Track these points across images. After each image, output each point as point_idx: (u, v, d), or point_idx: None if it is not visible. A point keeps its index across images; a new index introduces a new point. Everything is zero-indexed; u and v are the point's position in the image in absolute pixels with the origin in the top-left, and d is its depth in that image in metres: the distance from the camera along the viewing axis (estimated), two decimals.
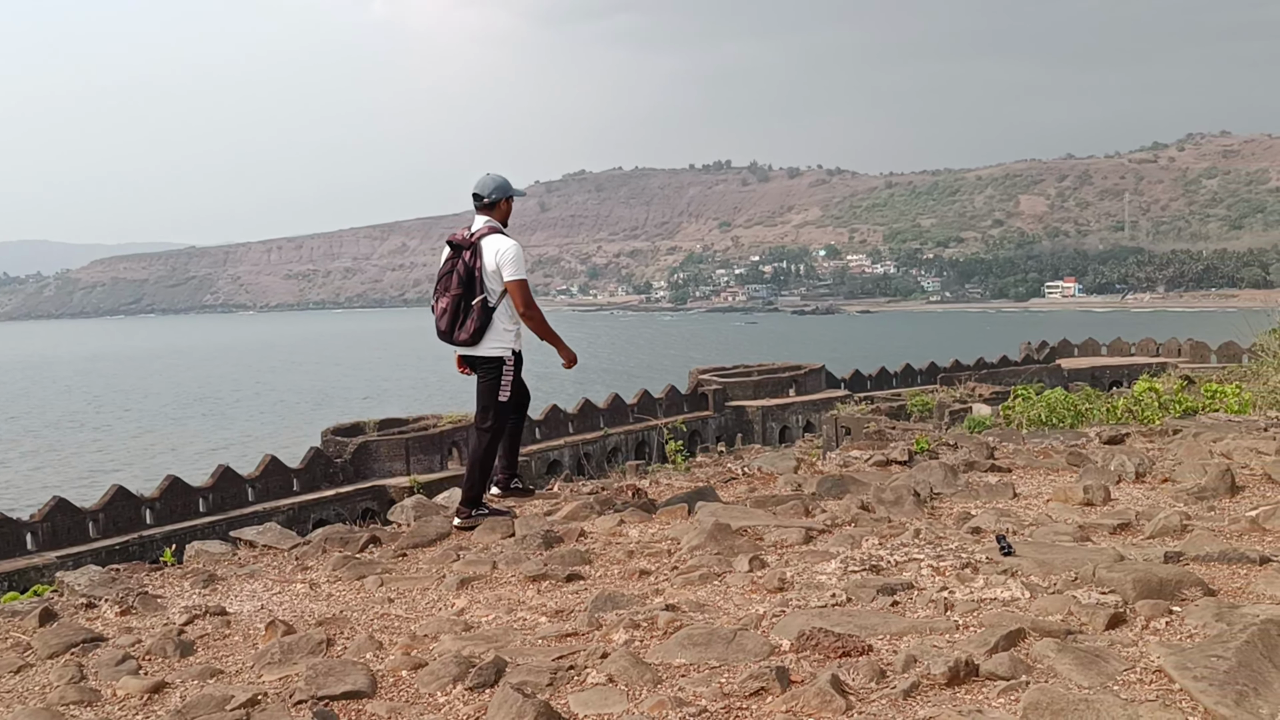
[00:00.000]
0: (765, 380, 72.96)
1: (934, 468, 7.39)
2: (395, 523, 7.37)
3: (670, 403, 68.48)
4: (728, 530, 5.86)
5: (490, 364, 6.90)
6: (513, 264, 6.72)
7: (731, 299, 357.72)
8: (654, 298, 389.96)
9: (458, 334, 6.74)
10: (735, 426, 68.91)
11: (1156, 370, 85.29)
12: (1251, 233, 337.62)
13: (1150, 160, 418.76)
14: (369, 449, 50.31)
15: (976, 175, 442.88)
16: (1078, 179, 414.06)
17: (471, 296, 6.70)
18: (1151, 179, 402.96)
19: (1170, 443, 8.23)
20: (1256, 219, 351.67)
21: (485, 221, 6.92)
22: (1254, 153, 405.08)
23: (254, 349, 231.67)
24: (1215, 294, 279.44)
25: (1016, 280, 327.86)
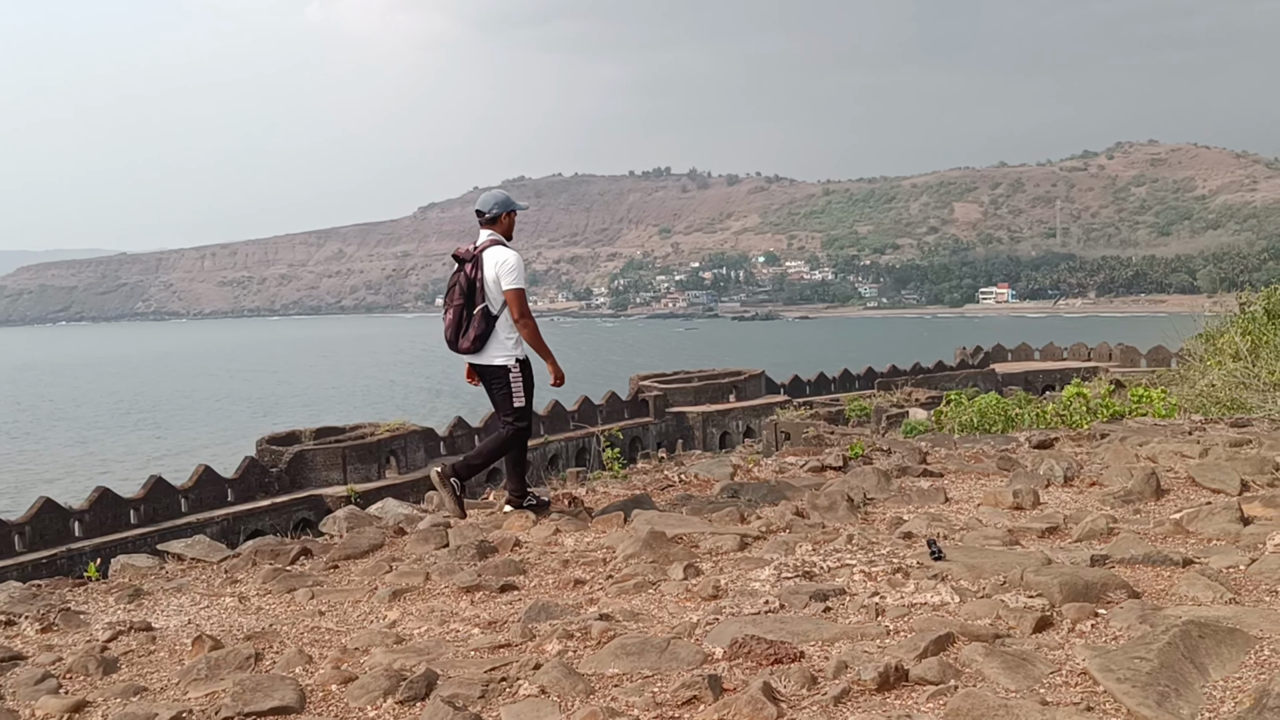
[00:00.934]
0: (706, 386, 73.22)
1: (868, 473, 7.45)
2: (328, 534, 7.28)
3: (611, 409, 68.44)
4: (663, 538, 5.86)
5: (497, 373, 7.12)
6: (511, 273, 6.98)
7: (672, 305, 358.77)
8: (595, 304, 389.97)
9: (461, 342, 7.03)
10: (676, 432, 69.06)
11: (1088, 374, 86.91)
12: (1179, 239, 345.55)
13: (1081, 168, 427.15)
14: (305, 458, 49.69)
15: (912, 183, 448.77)
16: (1010, 186, 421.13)
17: (473, 306, 6.98)
18: (1082, 186, 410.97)
19: (1098, 447, 8.38)
20: (1184, 226, 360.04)
21: (488, 235, 7.23)
22: (1181, 161, 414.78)
23: (188, 357, 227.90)
24: (1145, 299, 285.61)
25: (952, 286, 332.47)
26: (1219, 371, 23.75)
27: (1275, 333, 24.20)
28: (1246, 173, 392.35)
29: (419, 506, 8.00)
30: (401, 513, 7.51)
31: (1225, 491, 6.45)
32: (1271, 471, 6.92)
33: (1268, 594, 4.47)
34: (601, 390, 73.40)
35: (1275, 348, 21.63)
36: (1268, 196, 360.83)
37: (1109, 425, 9.48)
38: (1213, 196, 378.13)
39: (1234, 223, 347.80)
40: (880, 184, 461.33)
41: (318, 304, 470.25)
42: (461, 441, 57.82)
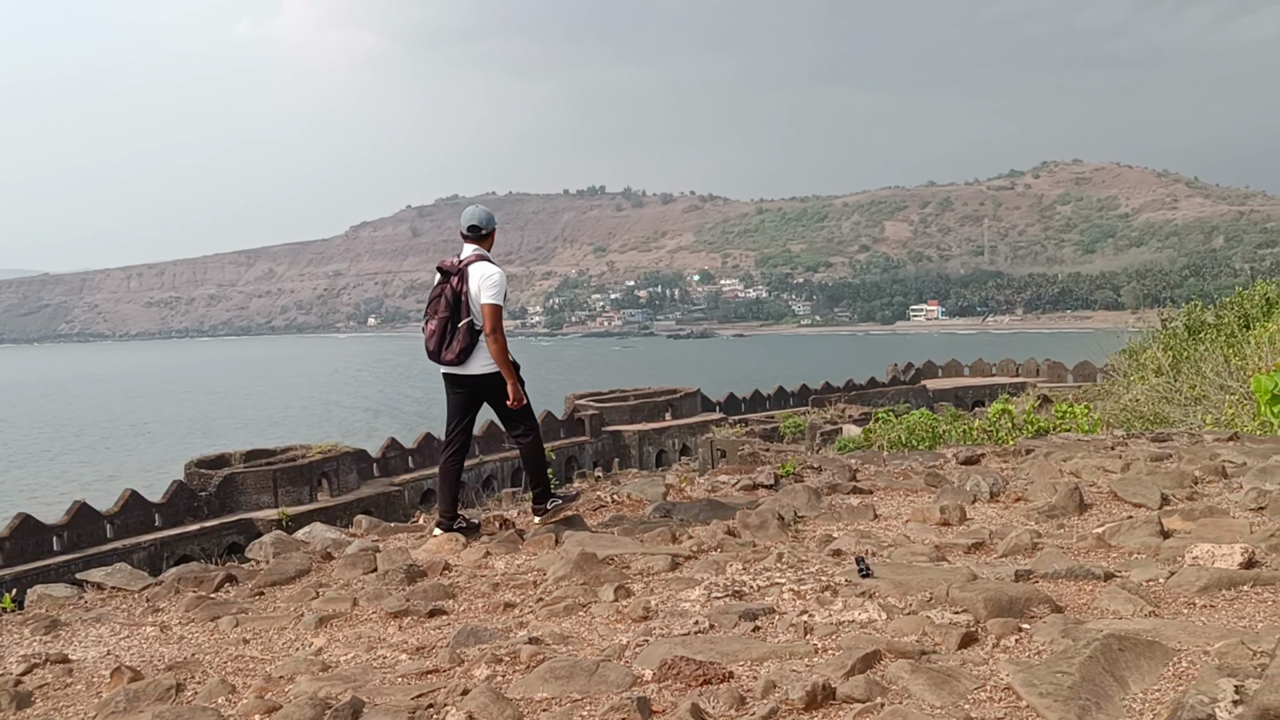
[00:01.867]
0: (641, 405, 73.27)
1: (798, 491, 7.49)
2: (253, 560, 7.15)
3: (546, 429, 68.13)
4: (594, 559, 5.84)
5: (489, 382, 7.25)
6: (491, 289, 7.10)
7: (607, 324, 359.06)
8: (529, 323, 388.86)
9: (445, 354, 7.13)
10: (612, 451, 68.99)
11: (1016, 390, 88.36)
12: (1104, 256, 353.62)
13: (1008, 187, 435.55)
14: (235, 481, 48.84)
15: (843, 202, 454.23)
16: (939, 205, 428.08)
17: (458, 319, 7.09)
18: (1009, 205, 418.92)
19: (1023, 462, 8.51)
20: (1108, 243, 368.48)
21: (473, 250, 7.29)
22: (1105, 180, 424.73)
23: (115, 379, 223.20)
24: (1071, 316, 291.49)
25: (883, 303, 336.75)
26: (1142, 386, 24.29)
27: (1195, 348, 24.80)
28: (1168, 191, 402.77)
29: (347, 531, 7.89)
30: (329, 537, 7.41)
31: (1146, 505, 6.58)
32: (1190, 485, 7.08)
33: (1186, 606, 4.56)
34: (537, 410, 72.99)
35: (1195, 363, 22.17)
36: (1188, 215, 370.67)
37: (1034, 441, 9.64)
38: (1136, 215, 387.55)
39: (1156, 240, 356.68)
40: (812, 203, 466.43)
41: (247, 324, 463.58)
42: (394, 463, 57.26)
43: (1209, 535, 5.59)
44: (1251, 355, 18.10)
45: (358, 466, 53.63)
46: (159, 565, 40.78)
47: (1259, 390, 9.59)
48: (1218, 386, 18.47)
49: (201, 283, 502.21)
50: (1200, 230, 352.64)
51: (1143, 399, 23.04)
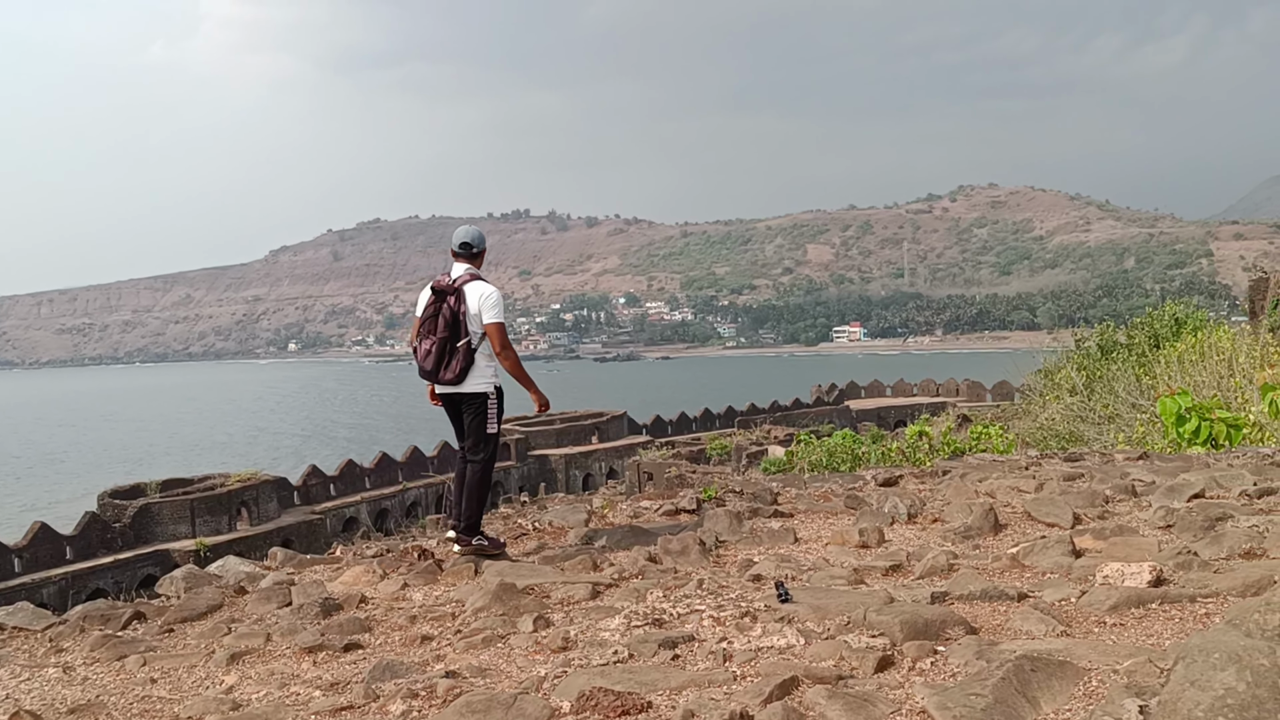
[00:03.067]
0: (568, 428, 73.08)
1: (720, 515, 7.50)
2: (164, 595, 6.96)
3: None
4: (513, 590, 5.78)
5: (475, 400, 7.29)
6: (493, 308, 7.21)
7: (533, 347, 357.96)
8: None
9: (443, 374, 7.16)
10: (538, 476, 68.67)
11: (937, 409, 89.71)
12: (1019, 278, 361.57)
13: (926, 210, 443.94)
14: (151, 511, 47.72)
15: (767, 225, 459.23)
16: (860, 228, 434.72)
17: (456, 339, 7.12)
18: (927, 228, 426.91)
19: (940, 483, 8.62)
20: (1023, 265, 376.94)
21: (466, 268, 7.38)
22: (1019, 203, 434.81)
23: (25, 408, 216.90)
24: (989, 336, 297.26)
25: (807, 325, 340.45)
26: (1058, 406, 24.81)
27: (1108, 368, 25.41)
28: (1080, 214, 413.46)
29: (262, 564, 7.73)
30: (243, 570, 7.24)
31: (1059, 525, 6.69)
32: (1102, 504, 7.22)
33: (1096, 625, 4.64)
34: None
35: (1108, 382, 22.71)
36: (1100, 237, 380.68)
37: (951, 462, 9.78)
38: (1050, 237, 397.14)
39: (1070, 262, 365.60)
40: (736, 226, 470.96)
41: (164, 351, 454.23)
42: (316, 490, 56.37)
43: (1119, 554, 5.70)
44: (1161, 374, 18.58)
45: (278, 495, 52.73)
46: (69, 600, 39.62)
47: (1165, 412, 9.84)
48: (1130, 405, 18.92)
49: (116, 309, 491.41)
50: (1112, 252, 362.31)
51: (1058, 418, 23.52)
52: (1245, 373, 15.29)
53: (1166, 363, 18.98)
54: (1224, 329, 25.14)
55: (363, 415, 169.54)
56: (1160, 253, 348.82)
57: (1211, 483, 7.40)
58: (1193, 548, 5.66)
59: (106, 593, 37.68)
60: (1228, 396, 14.48)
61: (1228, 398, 14.39)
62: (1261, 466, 8.09)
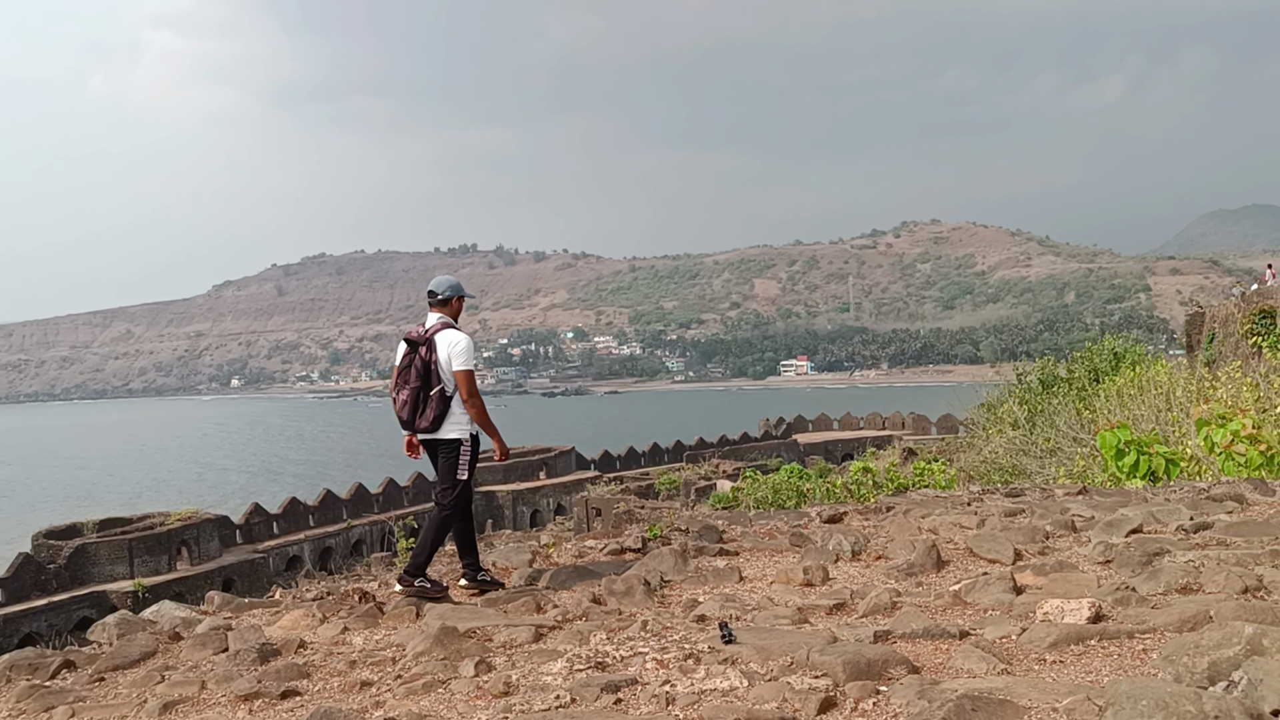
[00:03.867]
0: (515, 464, 72.66)
1: (665, 554, 7.47)
2: (96, 642, 6.78)
3: (417, 491, 67.07)
4: (455, 633, 5.70)
5: (449, 445, 7.35)
6: (461, 356, 7.31)
7: (480, 382, 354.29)
8: None
9: (419, 422, 7.30)
10: (485, 512, 68.12)
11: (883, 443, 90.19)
12: (962, 312, 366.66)
13: (870, 246, 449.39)
14: (87, 552, 46.67)
15: (714, 260, 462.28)
16: (806, 264, 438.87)
17: (429, 388, 7.27)
18: (872, 263, 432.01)
19: (884, 520, 8.66)
20: (966, 300, 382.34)
21: (439, 318, 7.51)
22: (961, 239, 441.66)
23: None
24: (933, 370, 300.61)
25: (754, 359, 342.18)
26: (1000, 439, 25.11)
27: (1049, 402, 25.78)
28: (1021, 250, 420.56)
29: (198, 608, 7.56)
30: (178, 616, 7.09)
31: (1000, 561, 6.74)
32: (1042, 540, 7.29)
33: (1036, 663, 4.66)
34: (407, 472, 71.95)
35: (1049, 416, 23.03)
36: (1040, 272, 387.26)
37: (894, 498, 9.83)
38: (991, 272, 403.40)
39: (1011, 296, 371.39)
40: (684, 261, 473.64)
41: (103, 387, 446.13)
42: (258, 529, 55.51)
43: (1059, 590, 5.74)
44: (1101, 408, 18.87)
45: (220, 534, 51.84)
46: (4, 644, 38.57)
47: (1104, 446, 9.97)
48: (1070, 439, 19.19)
49: (53, 344, 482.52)
50: (1052, 286, 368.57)
51: (1001, 451, 23.81)
52: (1182, 407, 15.57)
53: (1106, 397, 19.29)
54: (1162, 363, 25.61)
55: (310, 451, 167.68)
56: (1099, 287, 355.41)
57: (1149, 518, 7.50)
58: (1131, 583, 5.72)
59: (38, 637, 36.74)
60: (1166, 430, 14.73)
61: (1166, 431, 14.63)
62: (1198, 501, 8.21)
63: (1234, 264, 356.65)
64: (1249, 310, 35.90)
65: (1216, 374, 15.63)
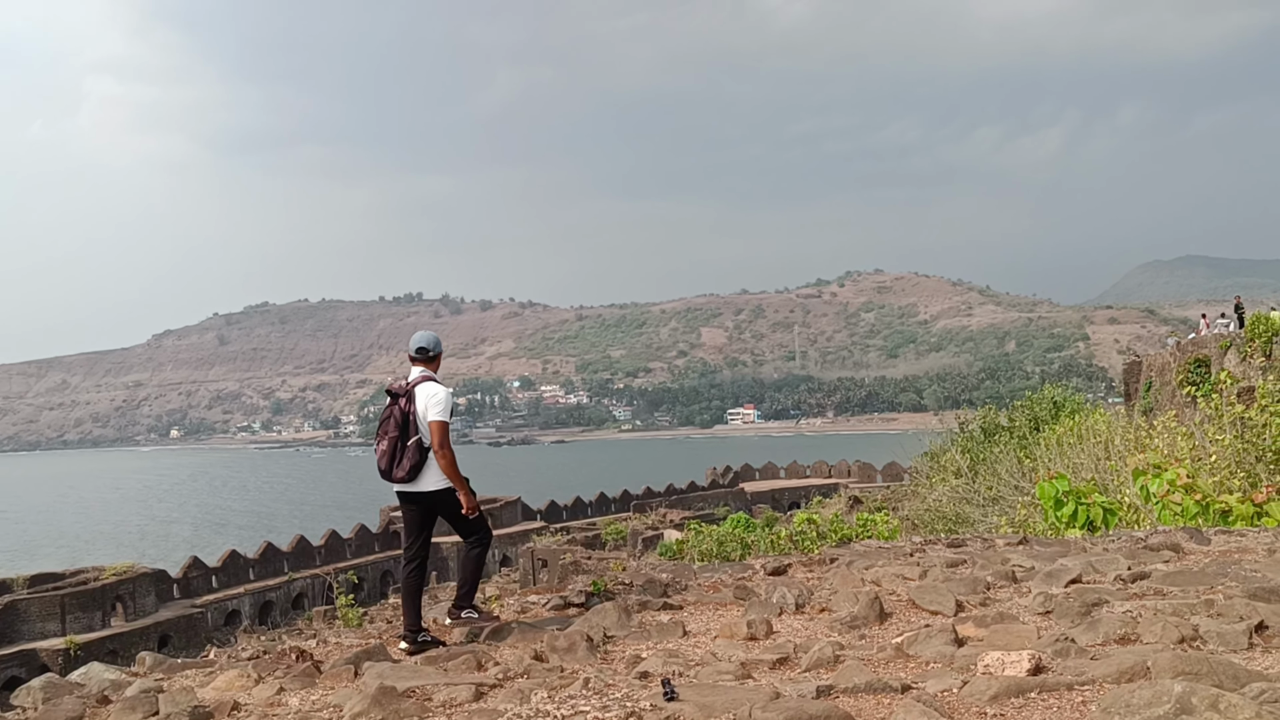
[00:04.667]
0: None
1: (609, 609, 7.41)
2: (19, 707, 6.56)
3: (360, 543, 66.18)
4: (393, 693, 5.60)
5: (444, 498, 7.57)
6: (436, 407, 7.49)
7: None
8: (344, 432, 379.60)
9: (396, 472, 7.43)
10: (430, 564, 67.33)
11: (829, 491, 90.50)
12: (906, 361, 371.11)
13: (815, 295, 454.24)
14: (17, 609, 45.37)
15: (661, 309, 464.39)
16: (752, 312, 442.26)
17: (407, 438, 7.43)
18: (817, 312, 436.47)
19: (828, 571, 8.67)
20: (910, 348, 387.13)
21: (420, 372, 7.76)
22: (904, 289, 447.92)
23: None
24: (878, 418, 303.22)
25: (701, 408, 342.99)
26: (944, 488, 25.32)
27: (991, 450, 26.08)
28: (962, 299, 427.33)
29: (128, 670, 7.36)
30: (108, 678, 6.89)
31: (942, 613, 6.76)
32: (983, 591, 7.33)
33: (977, 716, 4.66)
34: (350, 523, 71.02)
35: (991, 465, 23.28)
36: (982, 321, 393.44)
37: (838, 549, 9.85)
38: (934, 321, 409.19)
39: (954, 345, 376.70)
40: (631, 309, 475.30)
41: (36, 439, 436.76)
42: (196, 583, 54.41)
43: (1000, 642, 5.77)
44: (1041, 457, 19.12)
45: (157, 588, 50.71)
46: None
47: (1043, 497, 10.08)
48: (1012, 487, 19.40)
49: None
50: (994, 335, 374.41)
51: (945, 500, 24.00)
52: (1120, 455, 15.80)
53: (1046, 445, 19.54)
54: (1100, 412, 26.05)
55: (255, 502, 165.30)
56: (1039, 336, 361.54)
57: (1088, 567, 7.57)
58: (1070, 634, 5.76)
59: None
60: (1105, 479, 14.94)
61: (1105, 480, 14.84)
62: (1135, 550, 8.32)
63: (1170, 313, 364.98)
64: (1184, 360, 36.70)
65: (1153, 423, 15.90)
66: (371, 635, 7.84)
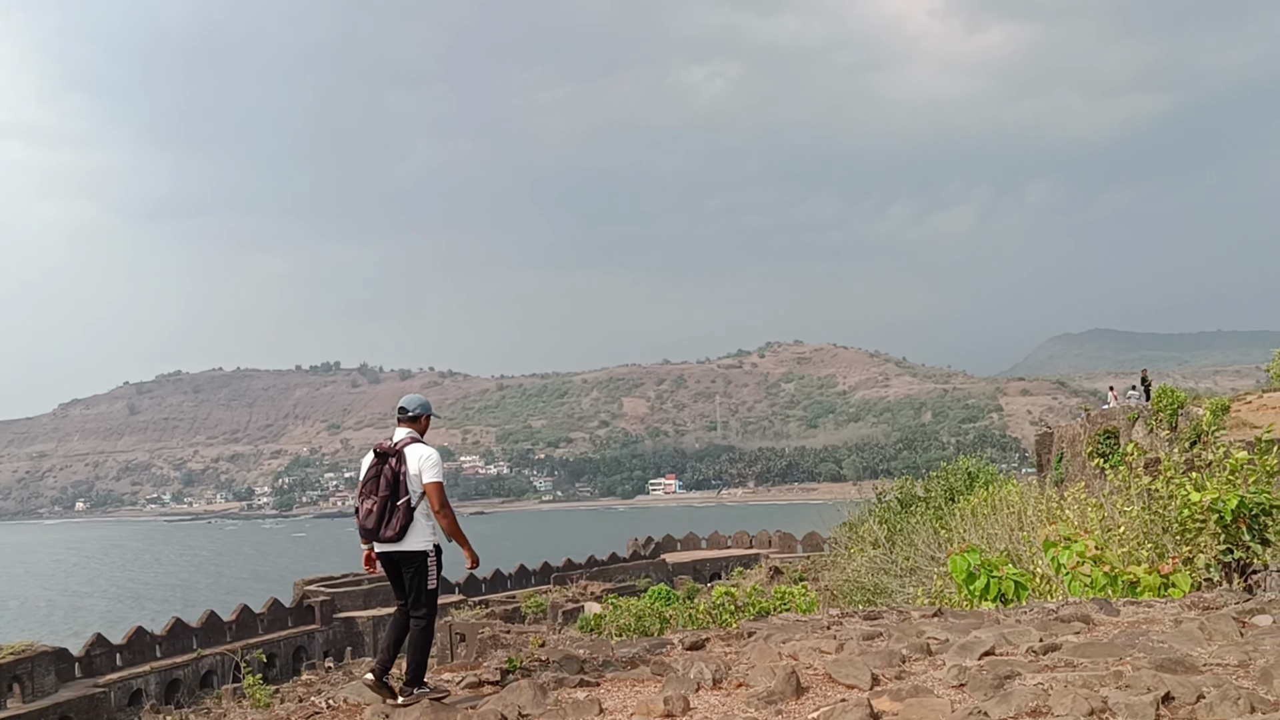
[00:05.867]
0: (376, 589, 70.64)
1: (524, 688, 7.29)
2: None
3: (273, 618, 64.48)
4: None
5: (415, 558, 7.58)
6: (432, 469, 7.62)
7: (342, 504, 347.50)
8: (257, 504, 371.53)
9: (384, 531, 7.48)
10: (344, 639, 65.81)
11: (750, 561, 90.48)
12: (825, 431, 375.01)
13: (736, 366, 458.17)
14: None
15: (583, 378, 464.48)
16: (674, 383, 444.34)
17: (396, 498, 7.49)
18: (738, 383, 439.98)
19: (745, 646, 8.63)
20: (829, 419, 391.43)
21: (407, 432, 7.88)
22: (823, 360, 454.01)
23: None
24: (798, 487, 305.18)
25: (623, 478, 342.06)
26: (862, 558, 25.48)
27: (907, 521, 26.34)
28: (880, 371, 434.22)
29: None
30: None
31: (858, 687, 6.76)
32: (899, 664, 7.35)
33: None
34: (262, 598, 69.26)
35: (908, 535, 23.49)
36: (898, 392, 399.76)
37: (756, 623, 9.83)
38: (852, 392, 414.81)
39: (872, 416, 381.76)
40: (553, 379, 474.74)
41: None
42: (99, 661, 52.44)
43: (914, 716, 5.78)
44: (956, 528, 19.34)
45: (57, 667, 48.74)
46: None
47: (955, 570, 10.19)
48: (929, 558, 19.58)
49: None
50: (910, 406, 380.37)
51: (863, 570, 24.13)
52: (1033, 526, 16.06)
53: (961, 516, 19.78)
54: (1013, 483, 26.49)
55: (169, 575, 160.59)
56: (954, 407, 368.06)
57: (1001, 640, 7.64)
58: (983, 707, 5.80)
59: None
60: (1018, 550, 15.15)
61: (1018, 551, 15.05)
62: (1046, 622, 8.42)
63: (1080, 385, 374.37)
64: (1094, 431, 37.61)
65: (1064, 494, 16.21)
66: (279, 715, 7.60)
